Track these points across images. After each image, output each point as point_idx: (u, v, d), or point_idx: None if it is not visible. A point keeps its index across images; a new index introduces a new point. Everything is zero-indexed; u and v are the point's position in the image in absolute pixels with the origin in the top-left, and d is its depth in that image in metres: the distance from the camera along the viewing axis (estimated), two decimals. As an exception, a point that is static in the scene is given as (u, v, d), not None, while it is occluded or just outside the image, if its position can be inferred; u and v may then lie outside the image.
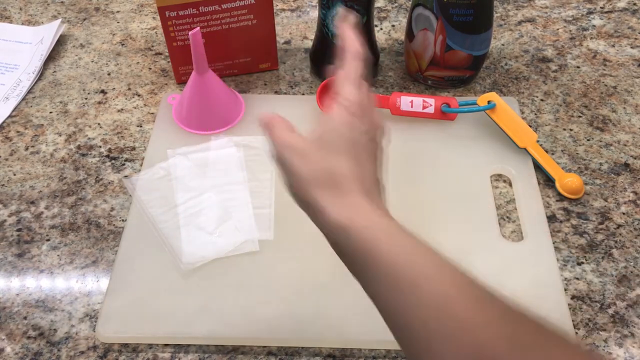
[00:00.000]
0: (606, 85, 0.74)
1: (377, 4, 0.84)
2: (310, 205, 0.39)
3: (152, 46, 0.80)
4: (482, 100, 0.67)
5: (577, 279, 0.56)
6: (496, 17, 0.82)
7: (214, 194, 0.61)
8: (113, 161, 0.66)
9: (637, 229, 0.60)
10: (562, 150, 0.66)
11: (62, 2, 0.87)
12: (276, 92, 0.74)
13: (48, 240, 0.60)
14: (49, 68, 0.78)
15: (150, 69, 0.77)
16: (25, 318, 0.54)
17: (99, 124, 0.70)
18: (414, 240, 0.37)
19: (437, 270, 0.35)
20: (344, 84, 0.41)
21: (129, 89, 0.74)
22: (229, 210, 0.60)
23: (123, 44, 0.81)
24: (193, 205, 0.60)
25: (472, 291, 0.35)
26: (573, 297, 0.55)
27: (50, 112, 0.72)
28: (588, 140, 0.68)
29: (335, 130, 0.40)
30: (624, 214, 0.61)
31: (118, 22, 0.84)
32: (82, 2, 0.87)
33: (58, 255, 0.59)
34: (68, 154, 0.67)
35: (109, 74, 0.77)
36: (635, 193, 0.63)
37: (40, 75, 0.77)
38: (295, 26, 0.83)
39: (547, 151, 0.66)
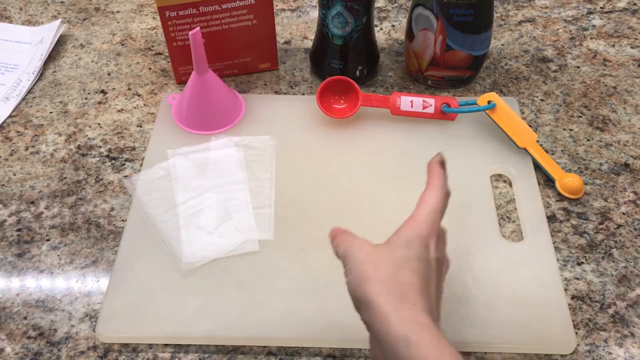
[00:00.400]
0: (606, 85, 0.74)
1: (377, 4, 0.84)
2: (371, 307, 0.39)
3: (152, 46, 0.80)
4: (482, 100, 0.67)
5: (577, 279, 0.56)
6: (496, 17, 0.82)
7: (213, 194, 0.61)
8: (113, 161, 0.66)
9: (637, 229, 0.60)
10: (562, 150, 0.66)
11: (62, 2, 0.87)
12: (276, 92, 0.74)
13: (48, 240, 0.60)
14: (49, 68, 0.78)
15: (150, 69, 0.77)
16: (25, 318, 0.54)
17: (99, 124, 0.70)
18: None
19: None
20: (428, 211, 0.43)
21: (129, 89, 0.74)
22: (228, 210, 0.60)
23: (123, 44, 0.81)
24: (193, 205, 0.60)
25: None
26: (573, 297, 0.55)
27: (50, 112, 0.72)
28: (588, 140, 0.68)
29: (411, 247, 0.42)
30: (624, 214, 0.61)
31: (118, 22, 0.84)
32: (82, 2, 0.87)
33: (58, 255, 0.59)
34: (68, 154, 0.67)
35: (109, 74, 0.77)
36: (635, 193, 0.63)
37: (40, 75, 0.77)
38: (295, 26, 0.83)
39: (547, 151, 0.66)
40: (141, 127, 0.70)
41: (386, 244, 0.43)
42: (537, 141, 0.66)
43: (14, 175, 0.65)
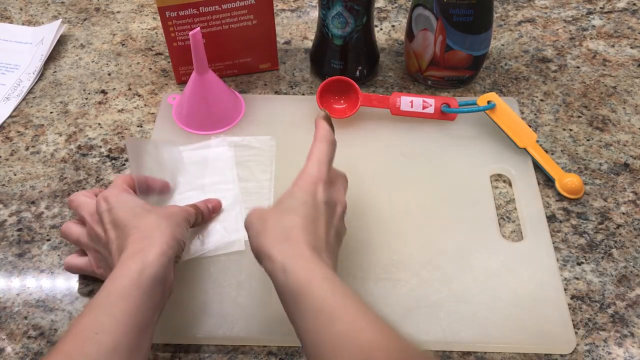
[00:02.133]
0: (606, 86, 0.74)
1: (377, 4, 0.84)
2: (263, 255, 0.44)
3: (153, 46, 0.80)
4: (482, 100, 0.67)
5: (577, 278, 0.56)
6: (496, 17, 0.82)
7: (198, 193, 0.61)
8: (113, 161, 0.66)
9: (637, 229, 0.60)
10: (561, 150, 0.67)
11: (62, 2, 0.88)
12: (276, 92, 0.74)
13: (48, 240, 0.60)
14: (49, 68, 0.78)
15: (150, 69, 0.77)
16: (25, 318, 0.54)
17: (99, 124, 0.70)
18: (341, 286, 0.41)
19: (350, 312, 0.40)
20: (314, 162, 0.49)
21: (130, 89, 0.75)
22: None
23: (123, 44, 0.81)
24: (178, 201, 0.61)
25: (376, 328, 0.39)
26: (573, 297, 0.55)
27: (51, 112, 0.72)
28: (588, 140, 0.68)
29: (295, 196, 0.47)
30: (623, 214, 0.61)
31: (118, 23, 0.84)
32: (82, 3, 0.87)
33: (58, 255, 0.59)
34: (68, 154, 0.67)
35: (109, 74, 0.77)
36: (635, 193, 0.63)
37: (41, 76, 0.77)
38: (295, 26, 0.83)
39: (546, 151, 0.66)
40: (141, 127, 0.70)
41: (276, 201, 0.48)
42: (537, 141, 0.66)
43: (15, 175, 0.66)
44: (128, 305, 0.43)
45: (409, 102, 0.67)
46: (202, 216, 0.56)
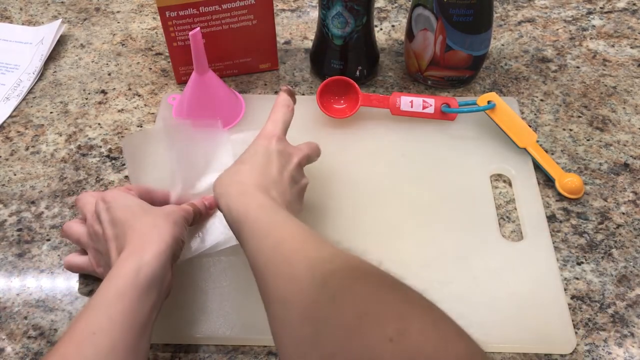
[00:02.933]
0: (606, 86, 0.74)
1: (377, 4, 0.84)
2: (223, 206, 0.48)
3: (153, 46, 0.80)
4: (482, 100, 0.67)
5: (577, 278, 0.56)
6: (496, 17, 0.82)
7: (182, 184, 0.59)
8: (113, 161, 0.66)
9: (637, 229, 0.60)
10: (561, 150, 0.67)
11: (62, 2, 0.88)
12: (276, 92, 0.74)
13: (48, 240, 0.60)
14: (49, 68, 0.78)
15: (150, 69, 0.77)
16: (25, 318, 0.54)
17: (99, 124, 0.70)
18: (284, 213, 0.45)
19: (283, 227, 0.44)
20: (269, 121, 0.55)
21: (130, 89, 0.74)
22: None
23: (123, 44, 0.81)
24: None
25: (323, 244, 0.42)
26: (573, 297, 0.55)
27: (51, 112, 0.72)
28: (588, 140, 0.68)
29: (248, 150, 0.53)
30: (623, 213, 0.61)
31: (118, 22, 0.84)
32: (82, 2, 0.87)
33: (59, 255, 0.59)
34: (68, 154, 0.67)
35: (109, 74, 0.77)
36: (635, 193, 0.63)
37: (41, 76, 0.77)
38: (295, 26, 0.83)
39: (546, 151, 0.66)
40: (141, 127, 0.70)
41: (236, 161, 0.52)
42: (537, 141, 0.66)
43: (15, 175, 0.66)
44: (125, 306, 0.42)
45: (409, 102, 0.67)
46: (200, 214, 0.56)
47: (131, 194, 0.54)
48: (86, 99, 0.74)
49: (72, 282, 0.57)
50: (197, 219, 0.55)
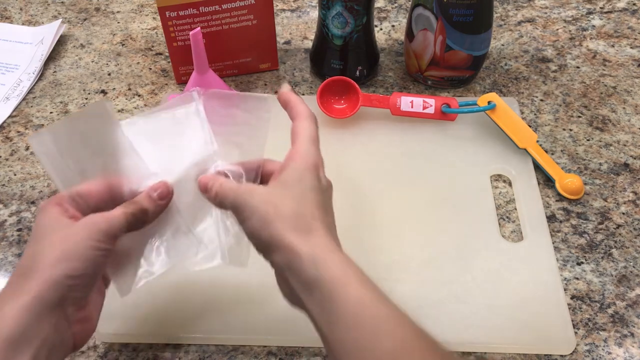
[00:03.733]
0: (606, 86, 0.74)
1: (377, 4, 0.84)
2: (279, 245, 0.38)
3: (153, 46, 0.80)
4: (482, 100, 0.67)
5: (577, 278, 0.56)
6: (496, 17, 0.82)
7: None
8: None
9: (637, 229, 0.60)
10: (561, 151, 0.67)
11: (62, 2, 0.88)
12: (276, 92, 0.74)
13: (48, 240, 0.60)
14: (49, 68, 0.78)
15: (150, 69, 0.77)
16: (25, 318, 0.54)
17: (99, 124, 0.70)
18: (379, 291, 0.38)
19: (395, 325, 0.37)
20: (309, 142, 0.43)
21: (129, 89, 0.75)
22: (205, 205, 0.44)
23: (123, 44, 0.81)
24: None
25: (424, 344, 0.37)
26: (573, 297, 0.55)
27: (51, 112, 0.72)
28: (588, 140, 0.68)
29: (304, 180, 0.41)
30: (623, 214, 0.61)
31: (118, 22, 0.84)
32: (82, 2, 0.87)
33: (58, 255, 0.59)
34: (68, 154, 0.67)
35: (109, 74, 0.77)
36: (635, 193, 0.63)
37: (41, 76, 0.77)
38: (295, 26, 0.83)
39: (546, 151, 0.66)
40: (141, 127, 0.70)
41: (278, 183, 0.42)
42: (537, 141, 0.66)
43: (15, 175, 0.66)
44: None
45: (409, 102, 0.67)
46: (145, 213, 0.41)
47: (57, 209, 0.40)
48: (86, 99, 0.74)
49: (72, 282, 0.57)
50: (141, 220, 0.41)
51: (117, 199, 0.42)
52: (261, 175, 0.45)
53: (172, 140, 0.45)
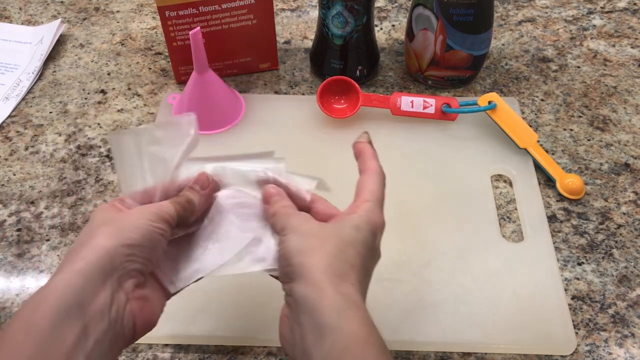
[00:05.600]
0: (606, 85, 0.74)
1: (377, 4, 0.84)
2: (306, 276, 0.37)
3: (152, 46, 0.80)
4: (482, 100, 0.67)
5: (577, 279, 0.56)
6: (496, 17, 0.82)
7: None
8: (113, 161, 0.66)
9: (638, 229, 0.60)
10: (562, 150, 0.66)
11: (62, 2, 0.87)
12: (276, 92, 0.74)
13: (48, 240, 0.60)
14: (48, 68, 0.78)
15: (150, 68, 0.77)
16: (25, 318, 0.54)
17: (98, 123, 0.70)
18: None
19: None
20: (376, 202, 0.42)
21: (129, 88, 0.74)
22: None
23: (123, 44, 0.81)
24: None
25: None
26: (573, 297, 0.55)
27: (50, 112, 0.72)
28: (588, 140, 0.68)
29: (360, 230, 0.40)
30: (624, 214, 0.61)
31: (118, 22, 0.84)
32: (82, 2, 0.87)
33: (58, 256, 0.58)
34: (68, 154, 0.67)
35: (108, 74, 0.76)
36: (636, 193, 0.63)
37: (40, 75, 0.77)
38: (295, 26, 0.83)
39: (547, 151, 0.66)
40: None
41: (335, 222, 0.41)
42: (538, 141, 0.66)
43: (14, 175, 0.65)
44: (28, 348, 0.32)
45: (409, 102, 0.67)
46: (192, 204, 0.42)
47: (114, 205, 0.41)
48: (85, 98, 0.73)
49: (71, 282, 0.57)
50: (189, 210, 0.42)
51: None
52: (310, 212, 0.44)
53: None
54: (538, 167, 0.64)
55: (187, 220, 0.42)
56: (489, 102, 0.66)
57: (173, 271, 0.43)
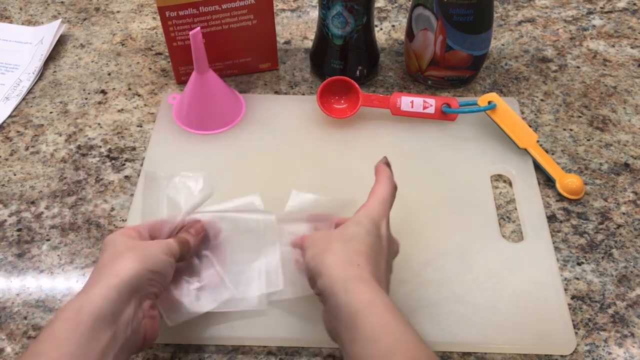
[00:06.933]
0: (606, 85, 0.74)
1: (377, 4, 0.84)
2: (322, 272, 0.43)
3: (152, 46, 0.80)
4: (482, 100, 0.67)
5: (577, 279, 0.56)
6: (496, 17, 0.82)
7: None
8: (113, 161, 0.66)
9: (637, 229, 0.60)
10: (562, 150, 0.67)
11: (62, 2, 0.87)
12: (276, 92, 0.74)
13: (48, 240, 0.60)
14: (49, 68, 0.78)
15: (150, 69, 0.77)
16: (25, 318, 0.54)
17: (99, 124, 0.70)
18: (402, 318, 0.41)
19: (410, 347, 0.39)
20: (377, 200, 0.48)
21: (129, 89, 0.74)
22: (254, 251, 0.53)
23: (123, 44, 0.81)
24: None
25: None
26: (573, 297, 0.55)
27: (51, 112, 0.72)
28: (588, 140, 0.68)
29: (361, 224, 0.46)
30: (624, 214, 0.61)
31: (118, 22, 0.84)
32: (82, 2, 0.87)
33: (58, 255, 0.59)
34: (68, 154, 0.67)
35: (109, 74, 0.77)
36: (635, 193, 0.63)
37: (41, 75, 0.77)
38: (295, 26, 0.83)
39: (547, 151, 0.66)
40: (141, 127, 0.70)
41: (339, 227, 0.48)
42: (537, 141, 0.66)
43: (14, 175, 0.66)
44: (62, 355, 0.38)
45: (409, 102, 0.67)
46: (188, 245, 0.50)
47: (129, 233, 0.48)
48: (86, 99, 0.73)
49: (71, 282, 0.57)
50: (186, 250, 0.49)
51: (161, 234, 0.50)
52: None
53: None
54: (538, 167, 0.64)
55: (183, 258, 0.49)
56: (489, 102, 0.66)
57: (169, 310, 0.49)
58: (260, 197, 0.54)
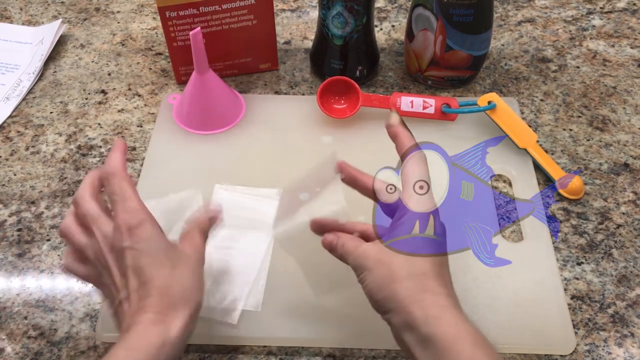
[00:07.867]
0: (606, 86, 0.74)
1: (377, 4, 0.84)
2: (396, 306, 0.41)
3: (153, 46, 0.80)
4: (482, 100, 0.67)
5: (577, 279, 0.56)
6: (496, 17, 0.82)
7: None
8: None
9: (637, 229, 0.60)
10: (562, 151, 0.67)
11: (62, 2, 0.88)
12: (276, 92, 0.74)
13: (48, 240, 0.60)
14: (49, 68, 0.78)
15: (150, 69, 0.77)
16: (25, 318, 0.54)
17: (99, 124, 0.70)
18: (492, 350, 0.39)
19: None
20: (414, 187, 0.44)
21: (130, 89, 0.74)
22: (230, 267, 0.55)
23: (123, 44, 0.81)
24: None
25: None
26: (573, 297, 0.55)
27: (51, 112, 0.72)
28: (588, 140, 0.68)
29: (413, 232, 0.43)
30: (623, 214, 0.61)
31: (118, 22, 0.84)
32: (82, 2, 0.87)
33: (58, 255, 0.59)
34: (68, 154, 0.67)
35: (109, 74, 0.77)
36: (635, 193, 0.63)
37: (41, 76, 0.77)
38: (295, 26, 0.83)
39: (547, 151, 0.66)
40: (141, 127, 0.70)
41: (390, 239, 0.43)
42: (537, 141, 0.66)
43: (15, 175, 0.66)
44: None
45: (409, 102, 0.67)
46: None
47: (151, 218, 0.44)
48: (86, 99, 0.74)
49: (72, 282, 0.57)
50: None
51: None
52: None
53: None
54: (538, 167, 0.64)
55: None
56: (489, 102, 0.66)
57: None
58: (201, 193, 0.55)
